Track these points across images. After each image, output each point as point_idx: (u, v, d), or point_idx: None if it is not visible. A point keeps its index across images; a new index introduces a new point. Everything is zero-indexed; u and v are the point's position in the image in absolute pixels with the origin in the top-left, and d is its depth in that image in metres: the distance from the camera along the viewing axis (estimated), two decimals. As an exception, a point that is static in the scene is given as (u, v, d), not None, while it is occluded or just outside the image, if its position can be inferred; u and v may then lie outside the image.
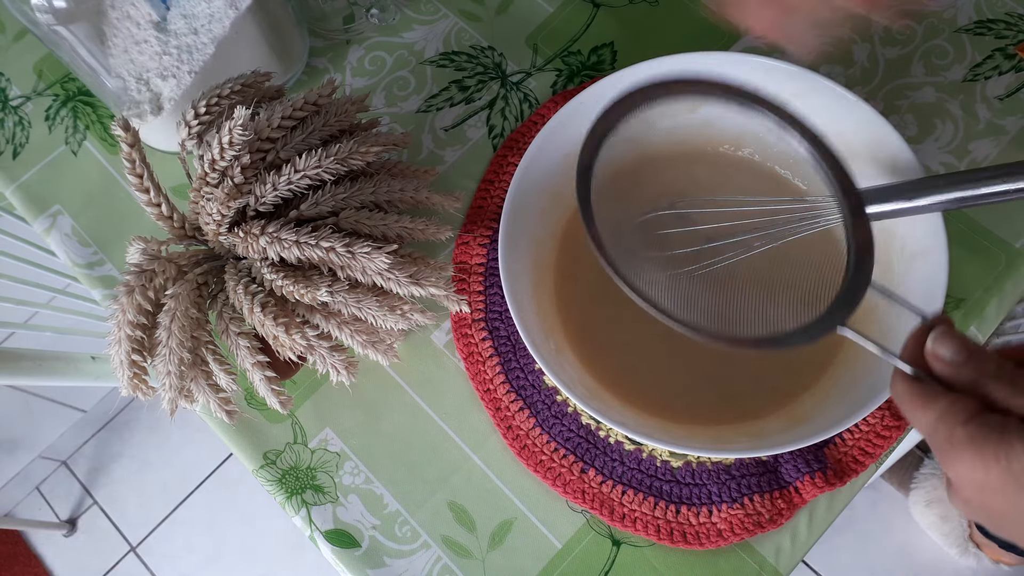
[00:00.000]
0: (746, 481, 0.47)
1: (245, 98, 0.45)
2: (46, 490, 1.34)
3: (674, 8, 0.60)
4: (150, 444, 1.36)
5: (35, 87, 0.62)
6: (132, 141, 0.42)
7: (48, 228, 0.58)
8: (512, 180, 0.46)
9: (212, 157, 0.40)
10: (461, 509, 0.49)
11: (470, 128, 0.58)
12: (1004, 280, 0.51)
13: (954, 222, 0.52)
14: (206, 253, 0.45)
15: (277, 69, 0.57)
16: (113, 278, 0.57)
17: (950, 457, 0.27)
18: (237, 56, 0.52)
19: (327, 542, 0.49)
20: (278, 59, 0.56)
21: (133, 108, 0.51)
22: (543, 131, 0.47)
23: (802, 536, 0.47)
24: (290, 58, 0.58)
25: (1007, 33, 0.56)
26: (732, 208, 0.46)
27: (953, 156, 0.54)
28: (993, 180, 0.37)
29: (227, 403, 0.43)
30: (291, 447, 0.51)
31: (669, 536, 0.47)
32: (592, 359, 0.48)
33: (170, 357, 0.40)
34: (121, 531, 1.31)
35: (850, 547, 1.16)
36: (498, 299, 0.52)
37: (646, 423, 0.45)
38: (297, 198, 0.44)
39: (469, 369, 0.51)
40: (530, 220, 0.48)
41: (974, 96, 0.55)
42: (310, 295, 0.41)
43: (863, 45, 0.57)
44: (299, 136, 0.44)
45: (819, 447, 0.47)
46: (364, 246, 0.41)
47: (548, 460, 0.49)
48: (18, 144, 0.61)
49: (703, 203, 0.48)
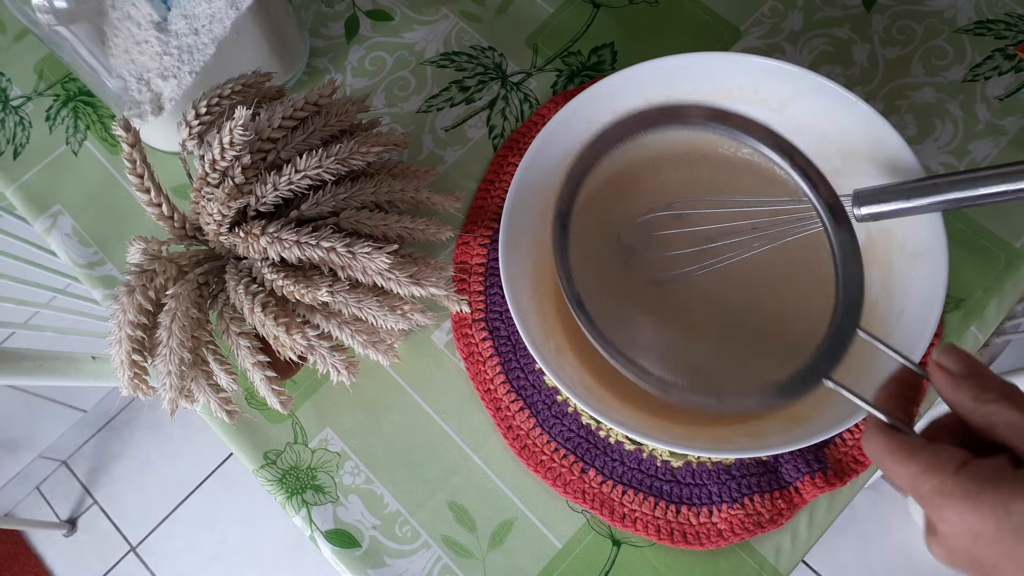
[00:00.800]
0: (746, 481, 0.47)
1: (246, 98, 0.45)
2: (46, 490, 1.34)
3: (674, 8, 0.60)
4: (150, 444, 1.36)
5: (36, 87, 0.62)
6: (133, 141, 0.42)
7: (49, 228, 0.58)
8: (512, 180, 0.46)
9: (213, 157, 0.41)
10: (461, 509, 0.49)
11: (470, 128, 0.58)
12: (1004, 280, 0.51)
13: (954, 222, 0.52)
14: (207, 253, 0.45)
15: (278, 69, 0.57)
16: (114, 278, 0.57)
17: (942, 510, 0.26)
18: (238, 56, 0.52)
19: (327, 542, 0.49)
20: (279, 59, 0.56)
21: (134, 108, 0.51)
22: (543, 131, 0.47)
23: (802, 536, 0.47)
24: (291, 58, 0.58)
25: (1007, 33, 0.56)
26: (731, 209, 0.46)
27: (953, 156, 0.54)
28: (992, 180, 0.37)
29: (227, 403, 0.43)
30: (291, 447, 0.51)
31: (669, 536, 0.47)
32: (592, 359, 0.48)
33: (171, 357, 0.40)
34: (121, 531, 1.31)
35: (850, 547, 1.16)
36: (498, 299, 0.52)
37: (646, 423, 0.45)
38: (298, 198, 0.44)
39: (469, 369, 0.51)
40: (530, 220, 0.48)
41: (974, 96, 0.55)
42: (311, 295, 0.41)
43: (863, 45, 0.57)
44: (300, 136, 0.44)
45: (819, 447, 0.47)
46: (365, 246, 0.41)
47: (548, 460, 0.49)
48: (19, 144, 0.61)
49: (702, 203, 0.48)
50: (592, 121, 0.49)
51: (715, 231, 0.46)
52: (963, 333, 0.50)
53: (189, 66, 0.48)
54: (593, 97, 0.47)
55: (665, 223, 0.47)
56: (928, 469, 0.27)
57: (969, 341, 0.50)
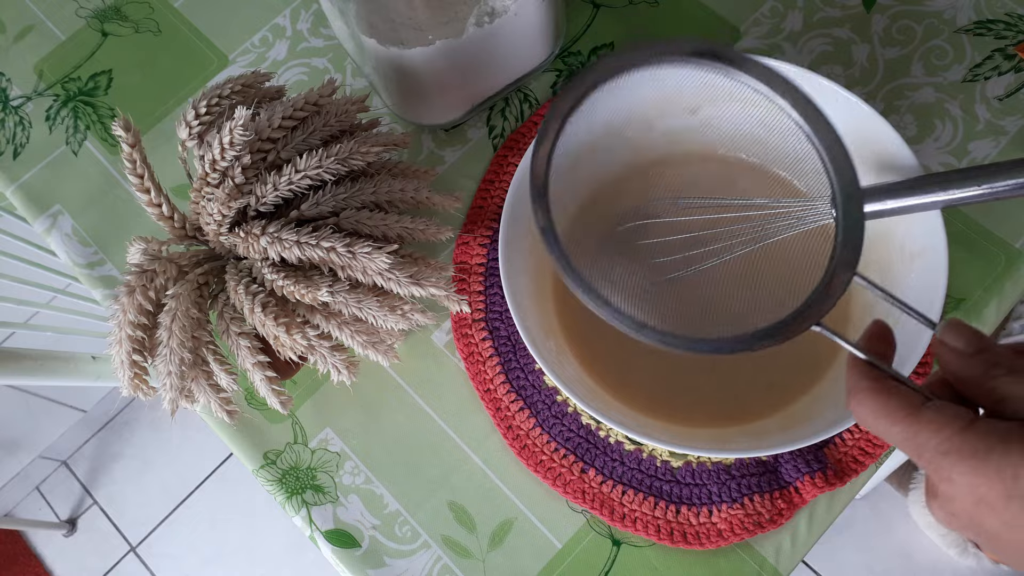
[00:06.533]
0: (746, 481, 0.47)
1: (245, 98, 0.45)
2: (46, 490, 1.34)
3: (674, 8, 0.60)
4: (150, 444, 1.36)
5: (36, 87, 0.62)
6: (133, 141, 0.42)
7: (48, 228, 0.58)
8: (512, 180, 0.46)
9: (213, 157, 0.41)
10: (461, 509, 0.49)
11: (470, 128, 0.58)
12: (1004, 280, 0.51)
13: (954, 222, 0.52)
14: (207, 253, 0.45)
15: (541, 49, 0.55)
16: (114, 278, 0.57)
17: (943, 469, 0.25)
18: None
19: (327, 542, 0.49)
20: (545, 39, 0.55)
21: None
22: (543, 131, 0.47)
23: (802, 536, 0.47)
24: (555, 36, 0.56)
25: (1007, 33, 0.56)
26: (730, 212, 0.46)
27: (953, 156, 0.54)
28: (992, 178, 0.37)
29: (228, 403, 0.43)
30: (291, 447, 0.51)
31: (669, 536, 0.47)
32: (592, 359, 0.48)
33: (171, 357, 0.40)
34: (121, 531, 1.31)
35: (850, 547, 1.16)
36: (498, 299, 0.52)
37: (646, 423, 0.45)
38: (298, 198, 0.44)
39: (469, 369, 0.51)
40: (530, 220, 0.48)
41: (974, 96, 0.55)
42: (311, 295, 0.41)
43: (863, 45, 0.57)
44: (300, 136, 0.44)
45: (819, 447, 0.47)
46: (365, 246, 0.41)
47: (548, 460, 0.49)
48: (19, 144, 0.61)
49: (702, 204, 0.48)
50: (592, 121, 0.49)
51: (710, 234, 0.46)
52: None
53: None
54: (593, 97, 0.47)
55: (658, 226, 0.47)
56: (931, 426, 0.25)
57: (969, 341, 0.50)
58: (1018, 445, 0.23)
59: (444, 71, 0.51)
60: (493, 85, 0.55)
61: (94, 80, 0.62)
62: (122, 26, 0.64)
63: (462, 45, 0.49)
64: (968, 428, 0.24)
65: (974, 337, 0.27)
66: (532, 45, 0.54)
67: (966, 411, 0.25)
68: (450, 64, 0.50)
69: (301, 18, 0.62)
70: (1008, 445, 0.23)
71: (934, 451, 0.25)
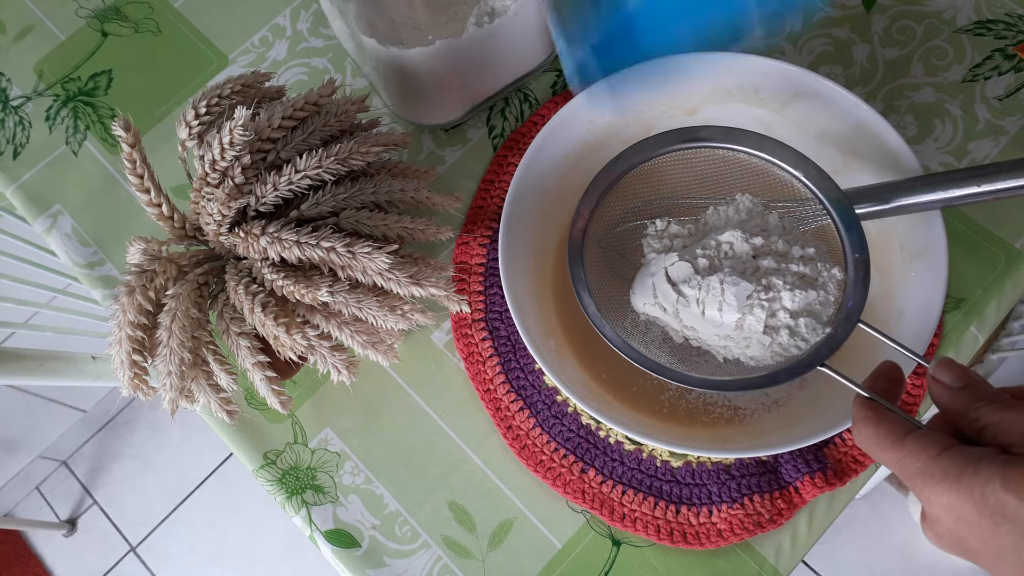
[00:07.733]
0: (746, 481, 0.47)
1: (245, 98, 0.45)
2: (46, 490, 1.34)
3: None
4: (150, 444, 1.36)
5: (36, 87, 0.62)
6: (133, 141, 0.42)
7: (48, 228, 0.58)
8: (512, 180, 0.46)
9: (213, 157, 0.41)
10: (461, 509, 0.49)
11: (470, 128, 0.58)
12: (1004, 280, 0.51)
13: (954, 222, 0.52)
14: (207, 253, 0.45)
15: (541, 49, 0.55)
16: (114, 278, 0.57)
17: (925, 491, 0.27)
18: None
19: (327, 542, 0.49)
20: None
21: None
22: (543, 131, 0.47)
23: (802, 536, 0.47)
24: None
25: (1007, 33, 0.56)
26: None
27: (952, 156, 0.54)
28: (992, 178, 0.37)
29: (227, 403, 0.43)
30: (291, 447, 0.51)
31: (669, 536, 0.47)
32: (592, 359, 0.48)
33: (171, 357, 0.40)
34: (121, 531, 1.31)
35: (850, 547, 1.16)
36: (498, 299, 0.52)
37: (646, 423, 0.45)
38: (297, 198, 0.44)
39: (469, 369, 0.51)
40: (530, 220, 0.48)
41: (973, 96, 0.55)
42: (311, 295, 0.41)
43: (863, 45, 0.57)
44: (299, 136, 0.44)
45: (819, 447, 0.47)
46: (364, 246, 0.41)
47: (548, 460, 0.49)
48: (18, 144, 0.61)
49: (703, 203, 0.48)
50: (592, 121, 0.49)
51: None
52: (963, 333, 0.50)
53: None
54: (593, 97, 0.47)
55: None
56: (913, 452, 0.28)
57: (968, 341, 0.50)
58: (987, 467, 0.26)
59: (444, 71, 0.51)
60: (493, 85, 0.55)
61: (94, 80, 0.62)
62: (122, 26, 0.64)
63: (462, 45, 0.49)
64: (943, 453, 0.27)
65: (963, 373, 0.30)
66: (532, 45, 0.54)
67: (945, 438, 0.28)
68: (450, 64, 0.50)
69: (301, 18, 0.62)
70: (978, 467, 0.26)
71: (915, 474, 0.28)
